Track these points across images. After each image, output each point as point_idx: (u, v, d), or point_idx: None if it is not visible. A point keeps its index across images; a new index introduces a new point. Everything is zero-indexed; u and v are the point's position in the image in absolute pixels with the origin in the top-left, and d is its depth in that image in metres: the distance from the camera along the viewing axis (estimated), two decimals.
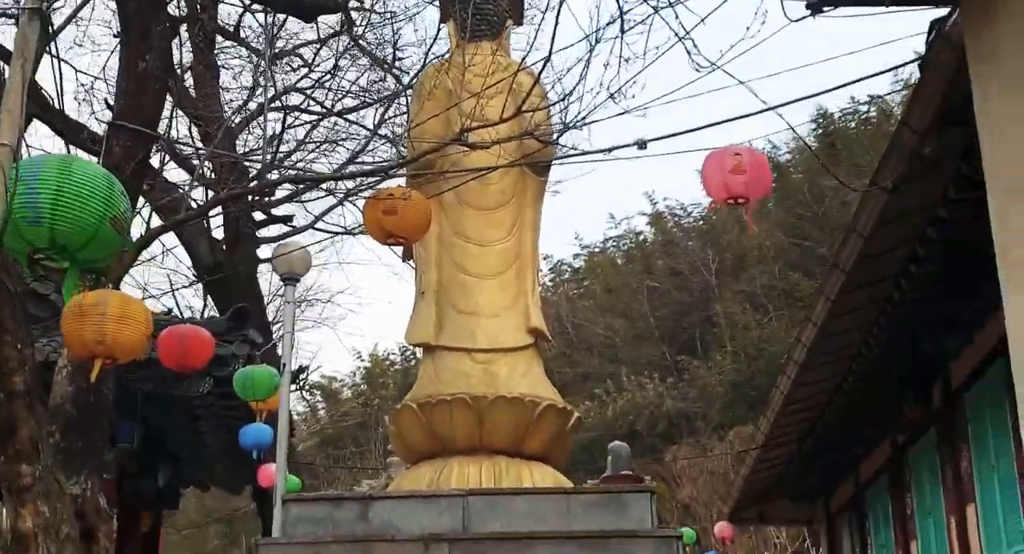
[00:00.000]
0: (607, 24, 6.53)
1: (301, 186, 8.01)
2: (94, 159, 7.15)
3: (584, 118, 6.60)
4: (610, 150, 6.34)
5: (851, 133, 35.43)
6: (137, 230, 6.95)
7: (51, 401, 6.28)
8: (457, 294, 9.79)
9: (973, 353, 9.37)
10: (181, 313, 22.99)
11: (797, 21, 5.28)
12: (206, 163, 15.56)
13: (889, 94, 33.45)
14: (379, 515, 7.96)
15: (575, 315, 39.47)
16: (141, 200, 7.39)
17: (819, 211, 35.30)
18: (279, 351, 11.12)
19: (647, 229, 43.03)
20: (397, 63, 15.09)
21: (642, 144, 6.07)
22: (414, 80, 11.96)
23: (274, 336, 19.07)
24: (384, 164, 7.45)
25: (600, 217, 75.14)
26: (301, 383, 20.73)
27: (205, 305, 19.61)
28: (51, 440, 5.68)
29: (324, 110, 15.82)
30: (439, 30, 11.85)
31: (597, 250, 44.21)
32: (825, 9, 5.15)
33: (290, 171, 9.04)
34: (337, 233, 17.56)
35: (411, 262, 10.47)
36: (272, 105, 16.11)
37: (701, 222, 41.39)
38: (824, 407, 12.65)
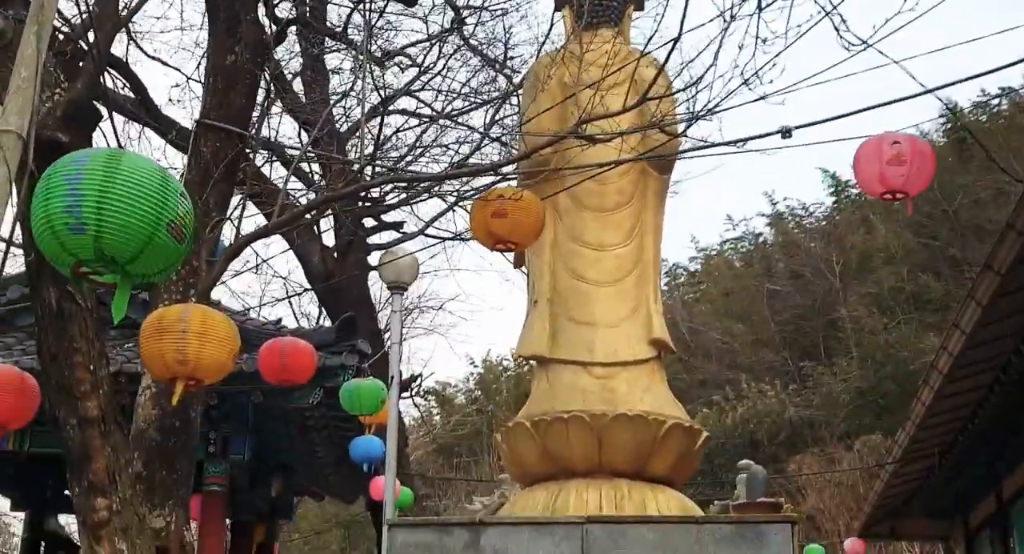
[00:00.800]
0: (743, 0, 5.75)
1: (409, 191, 7.44)
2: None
3: (716, 106, 5.82)
4: (745, 141, 5.56)
5: (983, 127, 33.53)
6: (228, 237, 6.43)
7: (134, 426, 5.77)
8: (572, 303, 8.96)
9: None
10: (298, 320, 22.89)
11: None
12: (314, 167, 15.21)
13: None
14: (490, 543, 7.26)
15: (691, 320, 38.36)
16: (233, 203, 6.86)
17: (950, 209, 33.53)
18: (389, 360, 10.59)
19: (767, 230, 41.81)
20: (508, 62, 14.42)
21: (787, 132, 5.29)
22: (525, 79, 11.25)
23: (385, 344, 18.67)
24: (492, 163, 6.77)
25: (717, 219, 73.49)
26: (413, 391, 20.24)
27: (320, 313, 19.28)
28: (130, 469, 5.16)
29: (433, 112, 15.26)
30: (551, 25, 11.12)
31: (714, 253, 43.05)
32: None
33: (393, 172, 8.43)
34: (447, 238, 16.96)
35: (523, 269, 9.74)
36: (380, 109, 15.68)
37: (824, 222, 39.91)
38: (968, 419, 11.89)
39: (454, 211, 8.38)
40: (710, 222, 76.12)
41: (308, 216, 7.67)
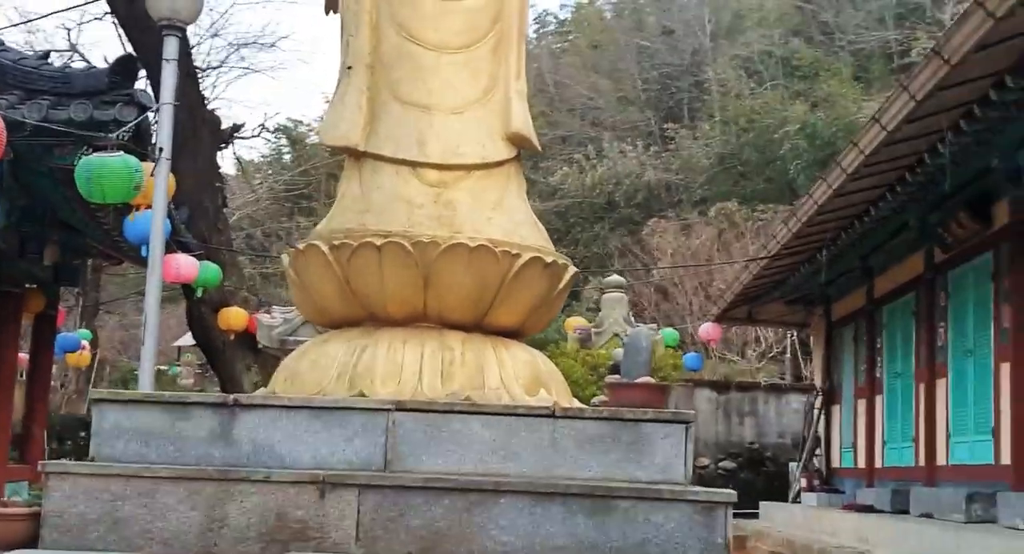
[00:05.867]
0: None
1: None
2: None
3: None
4: None
5: None
6: None
7: None
8: (402, 75, 5.85)
9: None
10: (125, 46, 18.95)
11: None
12: None
13: None
14: (250, 433, 4.71)
15: (557, 72, 35.46)
16: None
17: None
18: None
19: None
20: None
21: None
22: None
23: (199, 86, 15.33)
24: None
25: None
26: (247, 137, 17.06)
27: None
28: None
29: None
30: None
31: (585, 1, 39.74)
32: None
33: None
34: None
35: (337, 13, 6.62)
36: None
37: None
38: (856, 218, 10.74)
39: None
40: None
41: None
